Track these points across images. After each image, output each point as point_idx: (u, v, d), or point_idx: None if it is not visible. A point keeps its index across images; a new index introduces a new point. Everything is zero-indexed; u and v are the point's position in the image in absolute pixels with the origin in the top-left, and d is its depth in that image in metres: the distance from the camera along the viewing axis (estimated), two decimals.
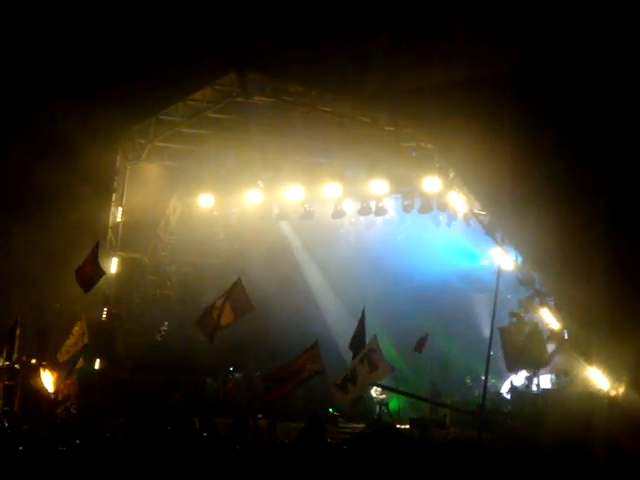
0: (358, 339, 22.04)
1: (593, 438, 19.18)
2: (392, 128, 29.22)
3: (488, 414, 23.34)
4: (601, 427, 19.73)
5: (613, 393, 21.83)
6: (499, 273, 24.53)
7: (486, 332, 29.44)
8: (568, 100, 22.67)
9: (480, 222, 28.99)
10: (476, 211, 29.04)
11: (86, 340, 24.91)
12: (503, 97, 23.44)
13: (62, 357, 25.08)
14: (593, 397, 21.99)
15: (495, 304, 21.65)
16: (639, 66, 21.57)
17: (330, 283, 34.17)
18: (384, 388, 27.24)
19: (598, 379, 22.85)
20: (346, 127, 30.00)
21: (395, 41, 24.50)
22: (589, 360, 23.65)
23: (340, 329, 30.67)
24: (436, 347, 27.67)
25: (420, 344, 27.37)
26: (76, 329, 24.85)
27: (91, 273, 23.65)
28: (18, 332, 25.27)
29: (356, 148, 30.30)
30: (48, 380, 24.93)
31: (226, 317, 23.21)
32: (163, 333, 32.04)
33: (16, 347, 25.32)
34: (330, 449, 20.35)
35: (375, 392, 28.59)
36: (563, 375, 25.83)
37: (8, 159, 26.91)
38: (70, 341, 24.90)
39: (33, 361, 25.49)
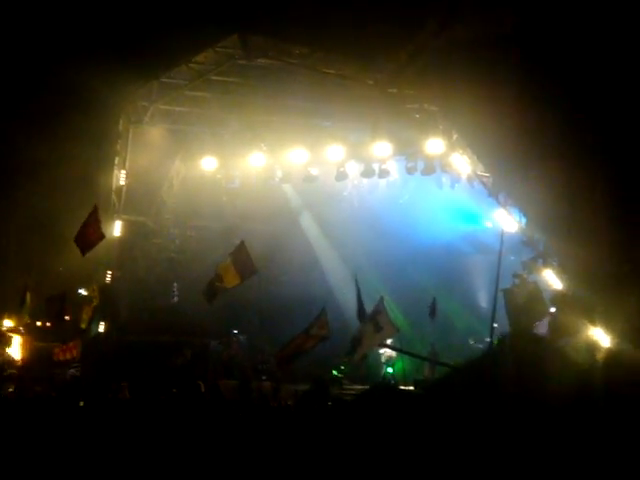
0: (361, 308, 22.22)
1: (592, 388, 19.30)
2: (395, 90, 29.14)
3: None
4: (599, 377, 19.87)
5: (613, 347, 21.94)
6: (502, 235, 24.58)
7: (489, 294, 29.59)
8: (572, 61, 22.57)
9: (483, 184, 28.95)
10: (479, 173, 29.00)
11: (96, 302, 25.19)
12: (505, 58, 23.33)
13: (84, 324, 25.41)
14: (592, 351, 22.10)
15: (499, 266, 21.69)
16: None
17: (333, 246, 34.15)
18: (389, 348, 27.40)
19: (600, 337, 22.93)
20: (349, 89, 29.88)
21: (399, 3, 24.36)
22: (592, 320, 23.69)
23: (343, 292, 30.78)
24: (439, 309, 27.69)
25: (433, 310, 27.47)
26: (89, 295, 25.18)
27: (91, 236, 23.71)
28: (29, 297, 25.55)
29: (359, 110, 30.25)
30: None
31: (231, 279, 23.36)
32: (176, 294, 32.19)
33: (26, 311, 25.65)
34: (331, 411, 20.42)
35: (384, 353, 28.75)
36: (565, 335, 25.89)
37: (10, 124, 26.91)
38: (87, 308, 25.25)
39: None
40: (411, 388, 26.37)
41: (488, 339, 24.86)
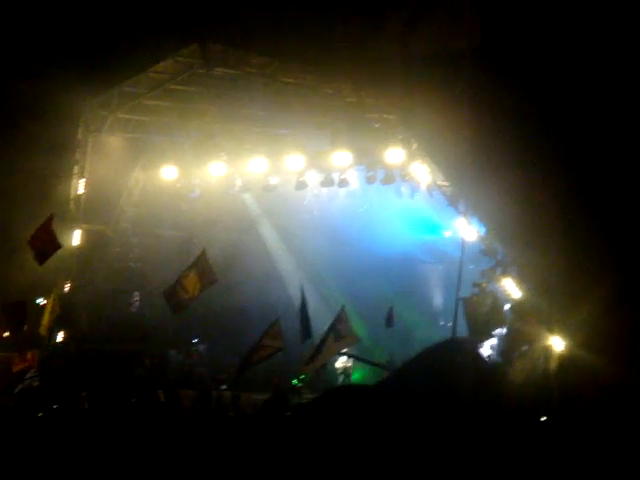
0: (306, 325, 22.25)
1: (549, 395, 19.53)
2: (354, 99, 29.22)
3: None
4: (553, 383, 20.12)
5: (567, 354, 22.17)
6: (463, 244, 24.70)
7: (448, 303, 29.74)
8: (533, 76, 22.79)
9: (443, 193, 29.09)
10: (439, 182, 29.14)
11: (58, 310, 25.06)
12: (467, 71, 23.49)
13: (44, 331, 25.25)
14: (550, 359, 22.32)
15: (460, 275, 21.77)
16: (600, 40, 21.71)
17: (293, 255, 34.22)
18: (349, 357, 27.48)
19: (558, 345, 23.14)
20: (309, 98, 29.91)
21: (358, 13, 24.46)
22: (550, 328, 23.90)
23: (302, 302, 30.92)
24: (398, 318, 27.78)
25: (389, 319, 27.54)
26: (49, 303, 25.01)
27: (47, 246, 23.60)
28: None
29: (319, 119, 30.28)
30: None
31: (193, 289, 23.36)
32: (136, 304, 32.11)
33: None
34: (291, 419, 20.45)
35: (340, 362, 28.80)
36: (524, 343, 26.07)
37: None
38: (47, 315, 25.08)
39: None
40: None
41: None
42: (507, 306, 27.30)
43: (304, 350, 22.89)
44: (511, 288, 27.43)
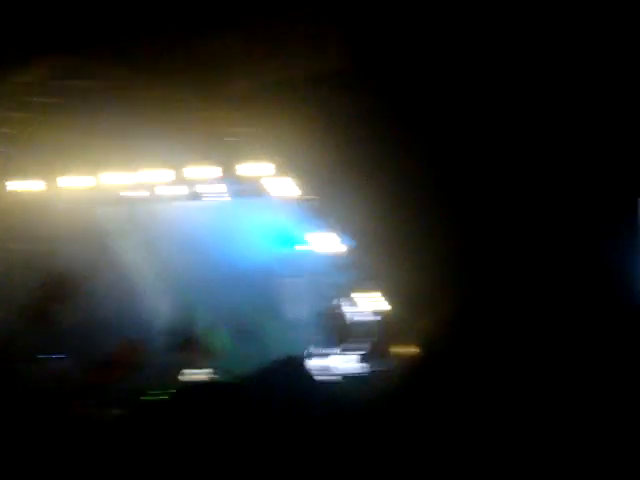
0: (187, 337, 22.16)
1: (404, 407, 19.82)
2: (220, 112, 29.13)
3: None
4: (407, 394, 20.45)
5: (421, 363, 22.51)
6: (327, 257, 24.79)
7: (310, 316, 29.88)
8: (392, 90, 23.10)
9: (308, 207, 29.23)
10: (304, 196, 29.26)
11: None
12: (334, 92, 23.71)
13: None
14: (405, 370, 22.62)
15: (323, 289, 21.86)
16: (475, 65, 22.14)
17: (153, 270, 33.90)
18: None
19: (414, 355, 23.46)
20: (174, 111, 29.69)
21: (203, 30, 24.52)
22: (413, 341, 24.21)
23: (161, 317, 30.70)
24: (257, 332, 27.80)
25: (249, 333, 27.56)
26: None
27: None
28: None
29: (183, 132, 30.07)
30: None
31: (51, 304, 23.05)
32: None
33: None
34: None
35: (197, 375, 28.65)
36: (389, 357, 26.35)
37: None
38: None
39: None
40: None
41: None
42: (370, 319, 27.58)
43: (172, 364, 22.78)
44: (374, 301, 27.71)
